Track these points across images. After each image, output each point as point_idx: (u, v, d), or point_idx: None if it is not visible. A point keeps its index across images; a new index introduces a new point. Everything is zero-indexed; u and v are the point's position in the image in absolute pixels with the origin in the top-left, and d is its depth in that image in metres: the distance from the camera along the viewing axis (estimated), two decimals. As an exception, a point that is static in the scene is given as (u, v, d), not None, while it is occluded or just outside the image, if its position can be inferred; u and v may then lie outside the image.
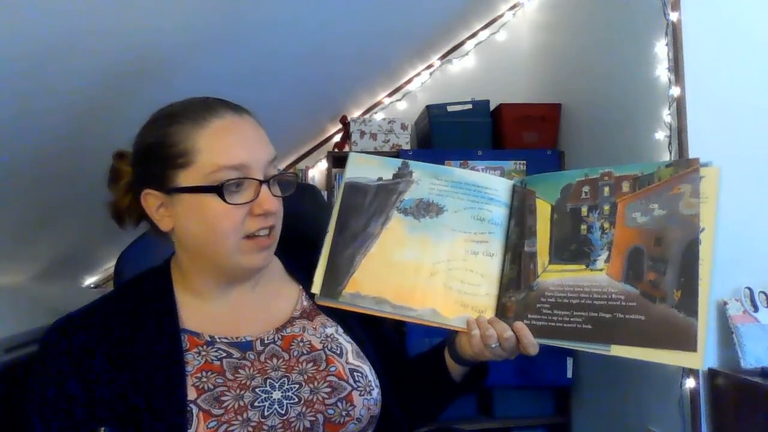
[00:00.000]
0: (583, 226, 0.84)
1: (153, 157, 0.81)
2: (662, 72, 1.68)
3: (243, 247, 0.81)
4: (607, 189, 0.84)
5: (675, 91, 1.62)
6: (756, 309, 1.52)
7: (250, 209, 0.80)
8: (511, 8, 2.73)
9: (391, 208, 0.90)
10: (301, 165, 2.73)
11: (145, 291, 0.86)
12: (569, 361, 2.20)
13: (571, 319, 0.80)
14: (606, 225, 0.83)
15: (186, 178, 0.79)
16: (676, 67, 1.61)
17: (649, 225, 0.80)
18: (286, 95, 2.09)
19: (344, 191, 0.91)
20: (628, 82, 1.90)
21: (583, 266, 0.82)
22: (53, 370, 0.77)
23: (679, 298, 0.75)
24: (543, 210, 0.88)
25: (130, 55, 1.31)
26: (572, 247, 0.84)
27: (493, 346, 0.82)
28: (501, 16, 2.74)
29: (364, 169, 0.92)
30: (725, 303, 1.53)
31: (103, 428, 0.74)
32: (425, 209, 0.90)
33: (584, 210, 0.85)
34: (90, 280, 2.40)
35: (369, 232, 0.89)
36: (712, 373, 1.53)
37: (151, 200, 0.82)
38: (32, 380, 0.77)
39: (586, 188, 0.86)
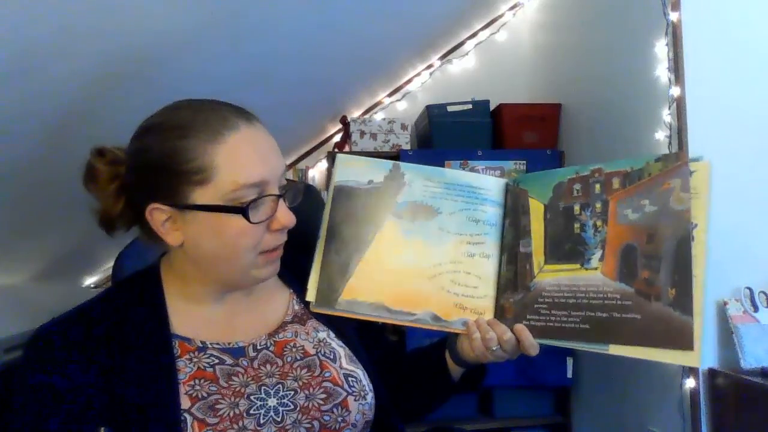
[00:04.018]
0: (576, 225, 0.84)
1: (163, 171, 0.77)
2: (662, 72, 1.68)
3: (258, 262, 0.80)
4: (597, 186, 0.84)
5: (675, 91, 1.62)
6: (756, 309, 1.52)
7: (268, 225, 0.79)
8: (511, 8, 2.73)
9: (385, 212, 0.88)
10: (301, 165, 2.73)
11: (134, 295, 0.83)
12: (569, 361, 2.20)
13: (569, 319, 0.80)
14: (599, 223, 0.82)
15: (203, 195, 0.76)
16: (676, 67, 1.61)
17: (640, 221, 0.79)
18: (286, 95, 2.09)
19: (334, 195, 0.89)
20: (628, 82, 1.90)
21: (578, 265, 0.82)
22: (39, 377, 0.74)
23: (674, 297, 0.74)
24: (536, 209, 0.87)
25: (129, 54, 1.31)
26: (566, 246, 0.84)
27: (494, 348, 0.82)
28: (501, 16, 2.74)
29: (353, 171, 0.90)
30: (725, 303, 1.53)
31: (102, 429, 0.73)
32: (419, 212, 0.88)
33: (577, 208, 0.85)
34: (90, 280, 2.40)
35: (362, 238, 0.87)
36: (712, 373, 1.53)
37: (158, 215, 0.78)
38: (17, 388, 0.74)
39: (577, 186, 0.86)
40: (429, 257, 0.87)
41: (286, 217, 0.80)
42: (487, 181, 0.91)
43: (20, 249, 1.71)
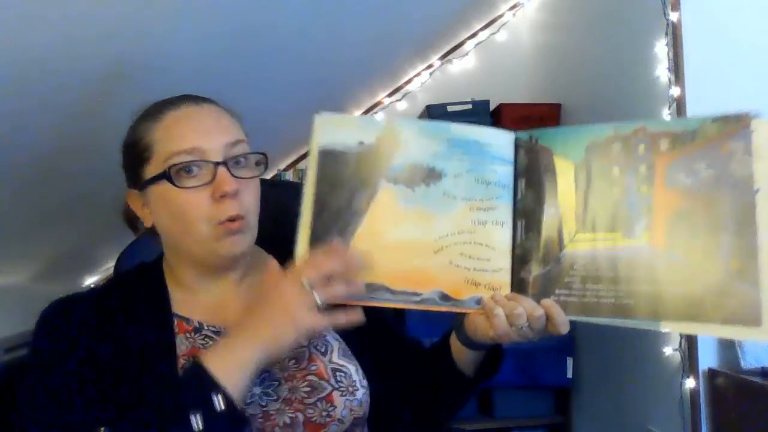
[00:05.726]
0: (616, 189, 0.74)
1: (127, 157, 0.85)
2: (662, 72, 1.68)
3: (218, 233, 0.78)
4: (642, 147, 0.74)
5: (675, 91, 1.62)
6: (756, 309, 1.52)
7: (211, 194, 0.77)
8: (511, 8, 2.73)
9: (379, 178, 0.76)
10: (301, 165, 2.72)
11: (139, 281, 0.87)
12: (569, 361, 2.19)
13: (608, 294, 0.73)
14: (644, 188, 0.73)
15: (148, 171, 0.81)
16: (676, 67, 1.61)
17: (695, 187, 0.71)
18: (286, 95, 2.09)
19: (318, 161, 0.77)
20: (628, 82, 1.90)
21: (619, 234, 0.73)
22: (52, 344, 0.78)
23: (737, 268, 0.68)
24: (564, 170, 0.77)
25: (132, 58, 1.32)
26: (604, 213, 0.74)
27: (521, 326, 0.73)
28: (501, 16, 2.74)
29: (339, 132, 0.78)
30: (725, 303, 1.53)
31: (103, 428, 0.73)
32: (419, 175, 0.76)
33: (616, 170, 0.75)
34: (90, 280, 2.41)
35: (354, 209, 0.76)
36: (712, 373, 1.53)
37: (134, 200, 0.85)
38: (32, 355, 0.78)
39: (616, 145, 0.75)
40: (433, 228, 0.76)
41: (225, 184, 0.77)
42: (496, 135, 0.79)
43: (20, 249, 1.71)
